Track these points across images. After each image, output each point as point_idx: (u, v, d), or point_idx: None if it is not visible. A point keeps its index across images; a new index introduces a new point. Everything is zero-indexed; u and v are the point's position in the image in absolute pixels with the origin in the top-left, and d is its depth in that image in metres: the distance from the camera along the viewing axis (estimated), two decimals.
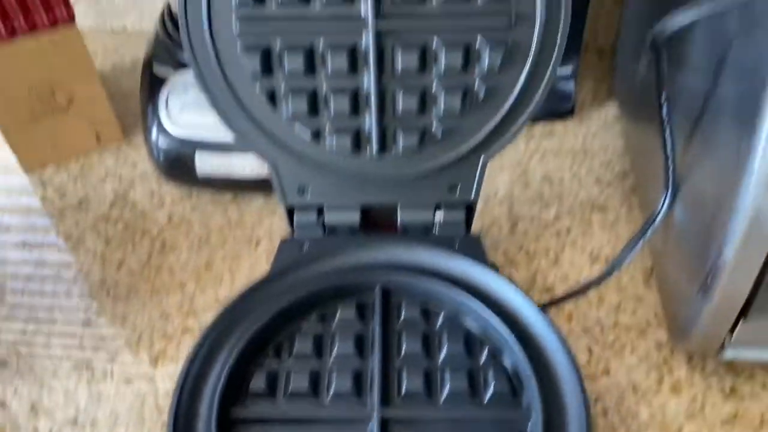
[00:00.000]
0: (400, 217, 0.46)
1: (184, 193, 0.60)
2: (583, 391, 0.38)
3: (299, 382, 0.40)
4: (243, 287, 0.43)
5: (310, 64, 0.41)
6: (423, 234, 0.47)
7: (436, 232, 0.46)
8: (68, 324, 0.51)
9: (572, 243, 0.54)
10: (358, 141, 0.43)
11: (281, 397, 0.40)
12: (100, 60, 0.73)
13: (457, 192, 0.45)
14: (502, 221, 0.56)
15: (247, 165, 0.55)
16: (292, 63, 0.40)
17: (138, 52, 0.70)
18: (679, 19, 0.41)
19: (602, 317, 0.49)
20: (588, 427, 0.36)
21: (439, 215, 0.46)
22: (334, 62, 0.40)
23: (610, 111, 0.65)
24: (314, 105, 0.42)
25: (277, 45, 0.40)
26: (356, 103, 0.42)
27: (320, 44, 0.40)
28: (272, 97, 0.42)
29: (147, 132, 0.57)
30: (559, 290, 0.51)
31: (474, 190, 0.45)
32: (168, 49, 0.58)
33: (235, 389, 0.40)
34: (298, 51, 0.40)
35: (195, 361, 0.40)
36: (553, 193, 0.58)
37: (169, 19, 0.59)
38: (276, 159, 0.44)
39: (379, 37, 0.40)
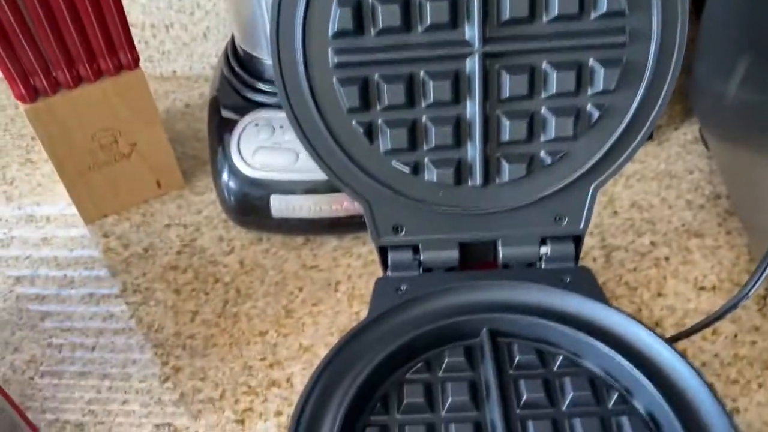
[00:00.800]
0: (502, 252, 0.43)
1: (253, 238, 0.57)
2: (734, 427, 0.34)
3: None
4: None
5: (410, 94, 0.38)
6: (526, 269, 0.44)
7: (542, 267, 0.43)
8: (144, 381, 0.49)
9: (674, 272, 0.51)
10: (460, 173, 0.40)
11: None
12: None
13: (564, 223, 0.42)
14: (595, 252, 0.53)
15: (324, 204, 0.52)
16: (392, 95, 0.38)
17: (190, 95, 0.69)
18: None
19: (719, 351, 0.46)
20: None
21: (545, 249, 0.43)
22: (436, 91, 0.38)
23: (689, 131, 0.62)
24: (413, 137, 0.40)
25: (375, 76, 0.38)
26: (458, 133, 0.39)
27: (421, 73, 0.38)
28: (369, 132, 0.39)
29: (217, 176, 0.55)
30: (668, 323, 0.48)
31: (583, 221, 0.42)
32: (235, 88, 0.56)
33: None
34: (398, 82, 0.38)
35: (300, 424, 0.37)
36: (644, 219, 0.55)
37: (233, 57, 0.58)
38: (370, 197, 0.42)
39: (484, 61, 0.37)
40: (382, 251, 0.44)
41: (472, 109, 0.39)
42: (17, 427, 0.44)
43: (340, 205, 0.52)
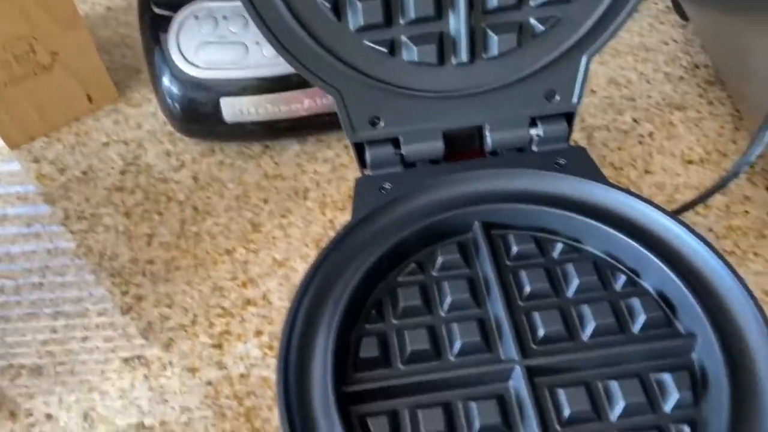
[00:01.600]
0: (490, 138, 0.40)
1: (205, 149, 0.52)
2: (750, 294, 0.32)
3: (416, 340, 0.34)
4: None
5: None
6: (517, 155, 0.40)
7: (534, 149, 0.40)
8: (104, 314, 0.44)
9: (659, 148, 0.49)
10: (443, 49, 0.36)
11: (398, 362, 0.34)
12: None
13: (556, 99, 0.38)
14: (576, 135, 0.50)
15: (283, 104, 0.47)
16: None
17: None
18: None
19: (713, 224, 0.44)
20: None
21: (536, 130, 0.40)
22: None
23: (660, 1, 0.59)
24: (388, 10, 0.34)
25: None
26: (439, 2, 0.34)
27: None
28: (336, 6, 0.34)
29: (156, 82, 0.48)
30: (659, 200, 0.46)
31: (576, 95, 0.38)
32: None
33: (343, 364, 0.33)
34: None
35: (291, 340, 0.33)
36: (623, 96, 0.52)
37: None
38: (342, 86, 0.37)
39: None
40: (359, 148, 0.40)
41: None
42: None
43: (301, 103, 0.47)
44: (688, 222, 0.44)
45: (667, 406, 0.31)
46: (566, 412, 0.31)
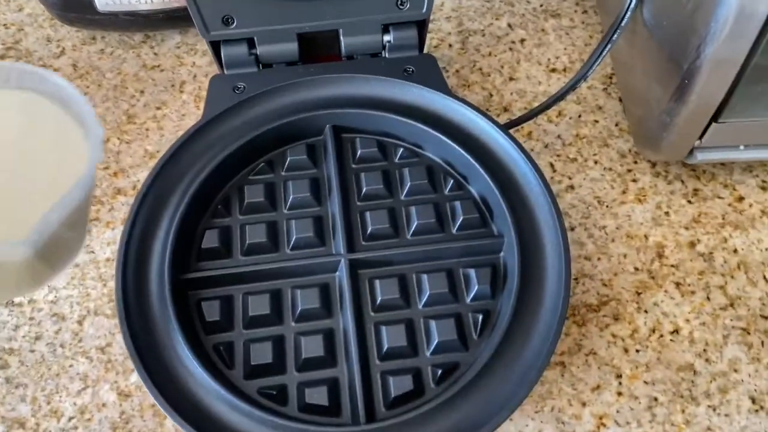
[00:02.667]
0: (344, 42, 0.41)
1: (86, 37, 0.52)
2: (554, 203, 0.36)
3: (256, 234, 0.37)
4: (176, 138, 0.38)
5: None
6: (371, 60, 0.42)
7: (386, 56, 0.41)
8: None
9: (527, 55, 0.50)
10: None
11: (238, 253, 0.37)
12: None
13: (406, 7, 0.40)
14: (452, 38, 0.51)
15: None
16: None
17: None
18: None
19: (562, 131, 0.47)
20: (564, 243, 0.35)
21: (388, 37, 0.41)
22: None
23: None
24: None
25: None
26: None
27: None
28: None
29: None
30: (517, 107, 0.48)
31: (426, 4, 0.39)
32: None
33: (185, 252, 0.36)
34: None
35: (135, 225, 0.36)
36: (504, 1, 0.53)
37: None
38: None
39: None
40: (215, 46, 0.41)
41: None
42: None
43: None
44: (540, 129, 0.47)
45: (468, 298, 0.36)
46: (378, 300, 0.35)
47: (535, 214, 0.37)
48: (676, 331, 0.40)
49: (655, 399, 0.38)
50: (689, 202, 0.44)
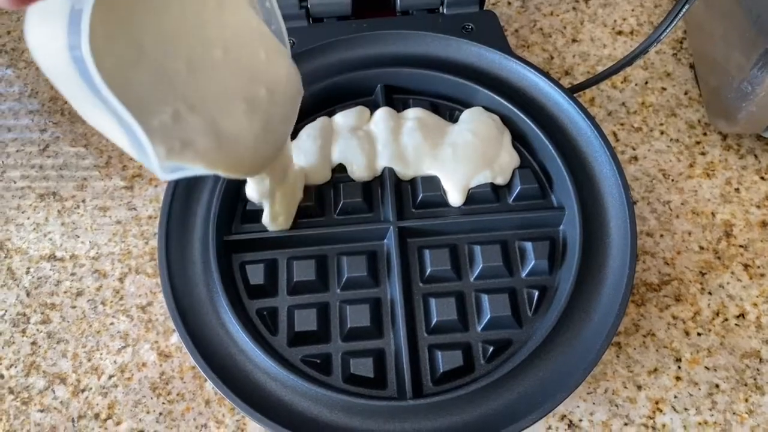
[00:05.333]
0: None
1: None
2: (621, 174, 0.33)
3: (304, 198, 0.35)
4: None
5: None
6: (427, 16, 0.39)
7: (444, 11, 0.39)
8: (22, 149, 0.45)
9: (592, 16, 0.47)
10: None
11: None
12: None
13: None
14: None
15: None
16: None
17: None
18: None
19: (627, 99, 0.44)
20: (630, 217, 0.32)
21: None
22: None
23: None
24: None
25: None
26: None
27: None
28: None
29: None
30: (579, 71, 0.45)
31: None
32: None
33: (230, 213, 0.35)
34: None
35: (179, 182, 0.35)
36: None
37: None
38: None
39: None
40: None
41: None
42: None
43: None
44: (603, 96, 0.44)
45: (524, 272, 0.34)
46: (428, 270, 0.33)
47: (600, 186, 0.34)
48: (741, 315, 0.38)
49: (717, 386, 0.36)
50: (762, 178, 0.41)
